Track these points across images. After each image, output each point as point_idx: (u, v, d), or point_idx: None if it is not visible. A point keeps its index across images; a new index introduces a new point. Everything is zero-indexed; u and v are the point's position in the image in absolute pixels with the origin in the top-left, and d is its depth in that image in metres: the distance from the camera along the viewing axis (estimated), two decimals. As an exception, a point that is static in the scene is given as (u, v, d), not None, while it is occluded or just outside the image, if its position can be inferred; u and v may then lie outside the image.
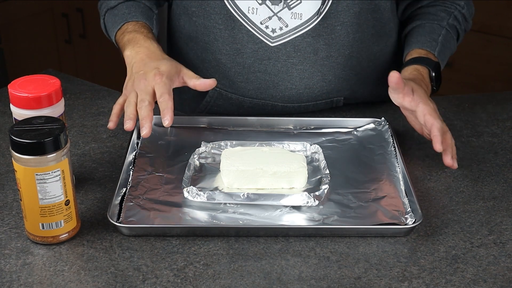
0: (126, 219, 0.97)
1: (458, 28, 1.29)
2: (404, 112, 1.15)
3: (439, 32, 1.25)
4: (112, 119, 1.10)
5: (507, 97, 1.37)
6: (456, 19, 1.29)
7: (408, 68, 1.19)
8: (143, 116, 1.04)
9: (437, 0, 1.30)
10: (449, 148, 1.08)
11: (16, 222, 0.99)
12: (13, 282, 0.88)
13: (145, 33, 1.20)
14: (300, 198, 0.99)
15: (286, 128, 1.21)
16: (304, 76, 1.24)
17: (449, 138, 1.09)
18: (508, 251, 0.95)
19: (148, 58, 1.13)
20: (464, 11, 1.30)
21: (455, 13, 1.29)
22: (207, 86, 1.12)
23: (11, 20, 2.34)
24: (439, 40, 1.24)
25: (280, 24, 1.20)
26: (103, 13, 1.29)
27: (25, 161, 0.88)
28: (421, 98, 1.09)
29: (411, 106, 1.09)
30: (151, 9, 1.28)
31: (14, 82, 0.97)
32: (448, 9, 1.29)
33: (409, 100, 1.09)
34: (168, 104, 1.05)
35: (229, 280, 0.88)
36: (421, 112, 1.08)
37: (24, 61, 2.41)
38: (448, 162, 1.07)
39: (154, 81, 1.07)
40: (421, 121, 1.10)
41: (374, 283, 0.88)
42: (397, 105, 1.13)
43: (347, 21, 1.21)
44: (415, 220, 0.96)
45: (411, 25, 1.30)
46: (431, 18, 1.27)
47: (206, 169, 1.09)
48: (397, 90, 1.08)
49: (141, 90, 1.08)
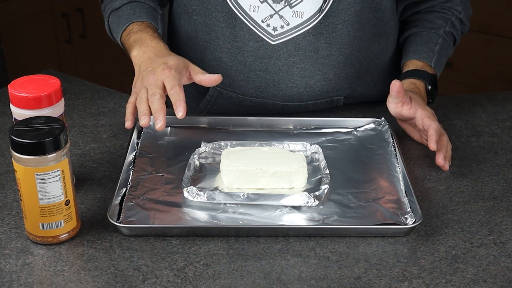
0: (126, 219, 0.97)
1: (455, 34, 1.31)
2: (401, 124, 1.20)
3: (436, 41, 1.28)
4: (128, 118, 1.09)
5: (507, 97, 1.37)
6: (453, 26, 1.30)
7: (405, 82, 1.22)
8: (156, 109, 1.05)
9: (435, 6, 1.31)
10: (443, 149, 1.10)
11: (16, 222, 0.99)
12: (13, 282, 0.88)
13: (151, 32, 1.20)
14: (300, 198, 0.99)
15: (286, 128, 1.21)
16: (305, 74, 1.24)
17: (445, 140, 1.12)
18: (508, 251, 0.95)
19: (155, 56, 1.14)
20: (461, 16, 1.31)
21: (452, 19, 1.30)
22: (213, 81, 1.12)
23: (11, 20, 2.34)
24: (436, 50, 1.27)
25: (281, 22, 1.20)
26: (107, 15, 1.28)
27: (25, 161, 0.88)
28: (419, 104, 1.13)
29: (409, 113, 1.13)
30: (155, 9, 1.28)
31: (14, 82, 0.97)
32: (446, 15, 1.30)
33: (408, 108, 1.13)
34: (180, 95, 1.06)
35: (229, 280, 0.88)
36: (420, 116, 1.12)
37: (24, 61, 2.41)
38: (440, 161, 1.10)
39: (163, 75, 1.08)
40: (419, 125, 1.12)
41: (374, 283, 0.88)
42: (395, 115, 1.17)
43: (348, 19, 1.21)
44: (415, 220, 0.96)
45: (408, 32, 1.31)
46: (428, 26, 1.29)
47: (206, 169, 1.09)
48: (397, 99, 1.12)
49: (150, 85, 1.08)
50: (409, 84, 1.21)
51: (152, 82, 1.08)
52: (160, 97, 1.06)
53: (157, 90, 1.07)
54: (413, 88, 1.19)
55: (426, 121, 1.11)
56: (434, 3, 1.31)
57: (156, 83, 1.08)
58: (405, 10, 1.33)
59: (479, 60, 2.60)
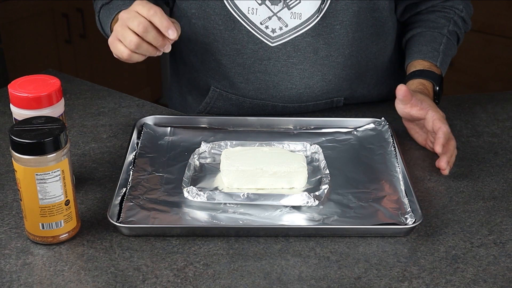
0: (126, 219, 0.97)
1: (458, 33, 1.31)
2: (407, 124, 1.18)
3: (440, 40, 1.27)
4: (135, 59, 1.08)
5: (507, 97, 1.37)
6: (456, 24, 1.29)
7: (414, 82, 1.21)
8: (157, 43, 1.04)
9: (436, 6, 1.31)
10: (448, 153, 1.09)
11: (16, 222, 0.99)
12: (13, 282, 0.88)
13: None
14: (300, 198, 0.99)
15: (286, 128, 1.21)
16: (304, 75, 1.24)
17: (452, 145, 1.10)
18: (508, 251, 0.95)
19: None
20: (463, 14, 1.31)
21: (454, 18, 1.29)
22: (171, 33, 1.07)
23: (11, 20, 2.33)
24: (441, 50, 1.26)
25: (279, 24, 1.20)
26: (97, 10, 1.28)
27: (25, 161, 0.88)
28: (430, 106, 1.12)
29: (419, 114, 1.12)
30: None
31: (14, 82, 0.97)
32: (448, 15, 1.30)
33: (417, 109, 1.12)
34: (163, 15, 1.03)
35: (229, 280, 0.88)
36: (431, 118, 1.11)
37: (24, 61, 2.41)
38: (442, 164, 1.07)
39: (134, 5, 1.05)
40: (429, 126, 1.11)
41: (374, 283, 0.88)
42: (403, 115, 1.15)
43: (346, 20, 1.21)
44: (415, 220, 0.96)
45: (411, 32, 1.31)
46: (432, 26, 1.29)
47: (206, 169, 1.09)
48: (404, 102, 1.11)
49: (128, 19, 1.05)
50: (418, 85, 1.20)
51: (127, 16, 1.05)
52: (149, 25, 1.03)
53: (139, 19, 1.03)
54: (422, 89, 1.19)
55: (436, 123, 1.10)
56: (435, 3, 1.31)
57: (131, 14, 1.04)
58: (405, 11, 1.33)
59: (479, 60, 2.60)
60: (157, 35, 1.05)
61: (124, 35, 1.06)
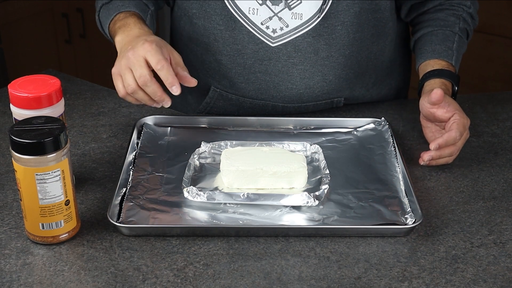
0: (126, 219, 0.97)
1: (468, 29, 1.29)
2: (424, 122, 1.16)
3: (453, 39, 1.25)
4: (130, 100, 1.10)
5: (507, 97, 1.37)
6: (465, 21, 1.28)
7: (435, 81, 1.19)
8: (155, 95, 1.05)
9: (443, 4, 1.29)
10: (438, 152, 1.09)
11: (16, 222, 0.99)
12: (13, 282, 0.88)
13: (136, 18, 1.18)
14: (300, 198, 0.99)
15: (286, 128, 1.21)
16: (305, 76, 1.24)
17: (448, 151, 1.09)
18: (508, 251, 0.95)
19: (137, 37, 1.12)
20: (471, 11, 1.29)
21: (463, 15, 1.28)
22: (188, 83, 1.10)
23: (11, 20, 2.34)
24: (454, 48, 1.24)
25: (280, 24, 1.20)
26: (98, 9, 1.28)
27: (25, 161, 0.88)
28: (457, 110, 1.11)
29: (444, 117, 1.11)
30: (147, 5, 1.26)
31: (14, 82, 0.97)
32: (457, 12, 1.28)
33: (444, 111, 1.11)
34: (169, 70, 1.05)
35: (229, 280, 0.88)
36: (453, 119, 1.10)
37: (24, 61, 2.41)
38: (425, 156, 1.08)
39: (144, 49, 1.06)
40: (447, 127, 1.10)
41: (374, 283, 0.88)
42: (426, 114, 1.14)
43: (347, 21, 1.21)
44: (415, 220, 0.96)
45: (421, 32, 1.29)
46: (442, 24, 1.27)
47: (206, 169, 1.09)
48: (435, 104, 1.10)
49: (133, 65, 1.06)
50: (440, 84, 1.18)
51: (134, 60, 1.06)
52: (149, 80, 1.05)
53: (142, 71, 1.05)
54: (444, 90, 1.16)
55: (453, 126, 1.09)
56: (442, 1, 1.29)
57: (138, 60, 1.05)
58: (411, 10, 1.31)
59: (479, 60, 2.60)
60: (157, 89, 1.06)
61: (126, 76, 1.07)
